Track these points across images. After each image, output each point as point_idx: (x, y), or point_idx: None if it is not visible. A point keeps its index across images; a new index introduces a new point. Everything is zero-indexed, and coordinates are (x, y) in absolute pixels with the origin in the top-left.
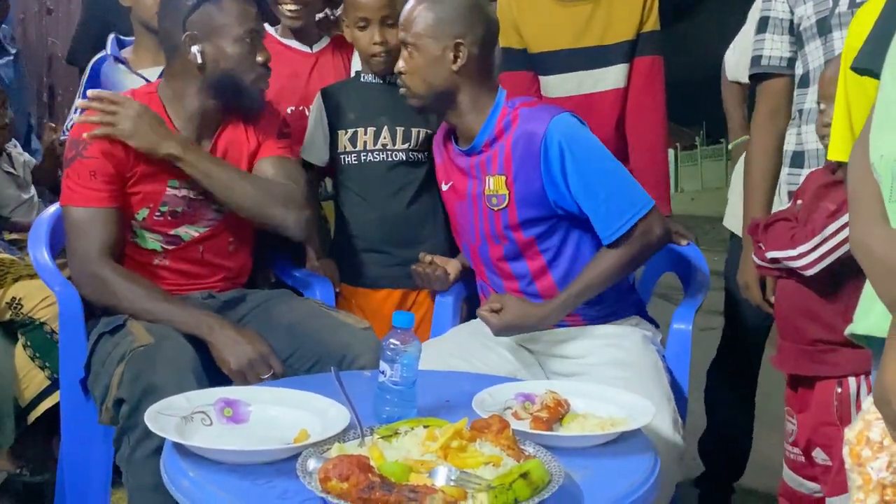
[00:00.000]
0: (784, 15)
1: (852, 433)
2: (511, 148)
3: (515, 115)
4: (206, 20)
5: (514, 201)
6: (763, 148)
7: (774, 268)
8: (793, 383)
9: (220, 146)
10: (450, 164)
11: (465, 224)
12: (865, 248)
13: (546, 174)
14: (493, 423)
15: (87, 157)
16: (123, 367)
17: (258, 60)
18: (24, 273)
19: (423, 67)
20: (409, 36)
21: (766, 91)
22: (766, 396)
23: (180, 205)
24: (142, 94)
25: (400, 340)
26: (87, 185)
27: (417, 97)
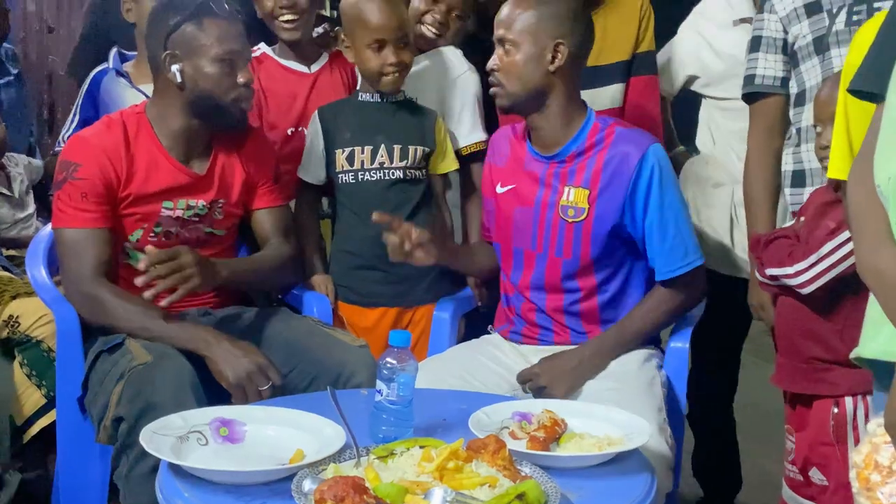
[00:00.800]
0: (777, 34)
1: (860, 457)
2: (603, 165)
3: (610, 132)
4: (186, 39)
5: (592, 217)
6: (760, 166)
7: (774, 285)
8: (791, 401)
9: (216, 171)
10: (516, 166)
11: (523, 229)
12: (875, 271)
13: (630, 196)
14: (490, 444)
15: (78, 178)
16: (122, 385)
17: (239, 81)
18: (21, 291)
19: (520, 65)
20: (509, 33)
21: (760, 110)
22: (766, 413)
23: (174, 225)
24: (130, 114)
25: (396, 359)
26: (78, 207)
27: (509, 95)
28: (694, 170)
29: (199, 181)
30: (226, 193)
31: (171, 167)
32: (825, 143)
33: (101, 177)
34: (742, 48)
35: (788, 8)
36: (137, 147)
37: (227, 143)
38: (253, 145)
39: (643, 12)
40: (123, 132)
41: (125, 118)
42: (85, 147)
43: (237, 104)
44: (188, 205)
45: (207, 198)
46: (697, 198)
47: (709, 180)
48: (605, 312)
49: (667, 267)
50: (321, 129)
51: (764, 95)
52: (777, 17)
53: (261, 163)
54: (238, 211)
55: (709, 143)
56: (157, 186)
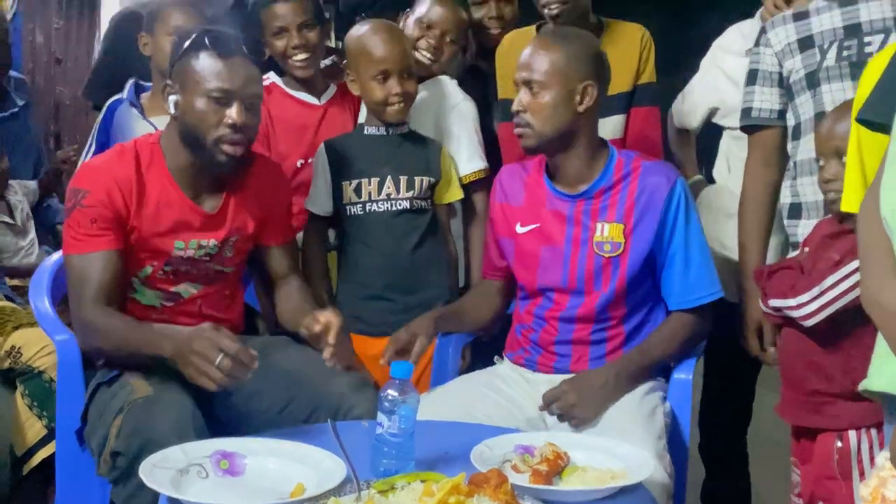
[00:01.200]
0: (773, 67)
1: (867, 490)
2: (635, 198)
3: (637, 167)
4: (184, 72)
5: (629, 250)
6: (756, 198)
7: (779, 316)
8: (796, 433)
9: (228, 209)
10: (537, 206)
11: (552, 268)
12: (878, 304)
13: (660, 227)
14: (492, 478)
15: (87, 205)
16: (121, 419)
17: (226, 121)
18: (24, 321)
19: (549, 107)
20: (537, 74)
21: (757, 142)
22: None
23: (184, 264)
24: (144, 143)
25: (398, 391)
26: (87, 232)
27: (537, 136)
28: (708, 199)
29: (210, 220)
30: (238, 231)
31: (182, 204)
32: (829, 177)
33: (110, 203)
34: None
35: (783, 43)
36: (149, 178)
37: (239, 178)
38: (267, 178)
39: (643, 44)
40: (136, 161)
41: (139, 147)
42: (94, 174)
43: (219, 145)
44: (199, 244)
45: (219, 237)
46: (710, 227)
47: (721, 210)
48: (630, 340)
49: (685, 296)
50: (328, 161)
51: (761, 127)
52: (773, 52)
53: (275, 197)
54: (248, 246)
55: (724, 172)
56: (167, 224)
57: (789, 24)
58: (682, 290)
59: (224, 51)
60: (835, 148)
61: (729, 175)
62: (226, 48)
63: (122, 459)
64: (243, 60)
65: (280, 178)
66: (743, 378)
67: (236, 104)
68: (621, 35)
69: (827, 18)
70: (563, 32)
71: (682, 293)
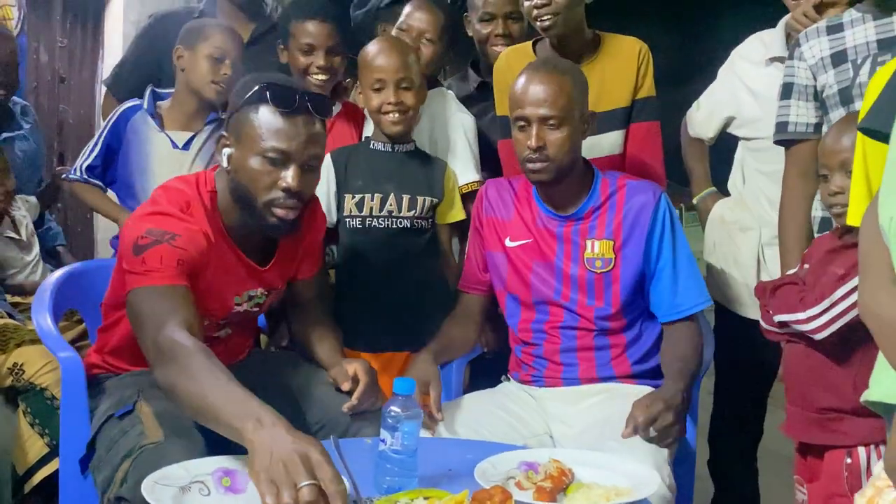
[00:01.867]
0: (808, 81)
1: (862, 500)
2: (622, 216)
3: (622, 185)
4: (241, 125)
5: (619, 265)
6: (795, 211)
7: (783, 332)
8: (802, 451)
9: (279, 263)
10: (528, 222)
11: (545, 283)
12: (874, 314)
13: (647, 242)
14: (496, 494)
15: (177, 246)
16: (130, 463)
17: (280, 184)
18: (27, 338)
19: (570, 140)
20: (556, 110)
21: (794, 155)
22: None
23: (237, 318)
24: (205, 192)
25: (401, 408)
26: (171, 266)
27: (558, 170)
28: (720, 212)
29: (262, 275)
30: (283, 280)
31: (239, 264)
32: (834, 189)
33: (196, 253)
34: (774, 86)
35: (816, 57)
36: (214, 239)
37: (289, 241)
38: (310, 216)
39: (641, 58)
40: (206, 215)
41: (202, 196)
42: (178, 221)
43: (270, 208)
44: (249, 296)
45: (266, 287)
46: (724, 241)
47: (735, 223)
48: (630, 347)
49: (681, 306)
50: (333, 172)
51: (798, 141)
52: (807, 65)
53: (314, 234)
54: (285, 287)
55: (739, 184)
56: (227, 286)
57: (823, 38)
58: (672, 301)
59: (286, 108)
60: (840, 161)
61: (744, 187)
62: (288, 104)
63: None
64: (307, 119)
65: (318, 212)
66: (754, 394)
67: (293, 166)
68: (618, 50)
69: (861, 32)
70: (559, 64)
71: (672, 305)
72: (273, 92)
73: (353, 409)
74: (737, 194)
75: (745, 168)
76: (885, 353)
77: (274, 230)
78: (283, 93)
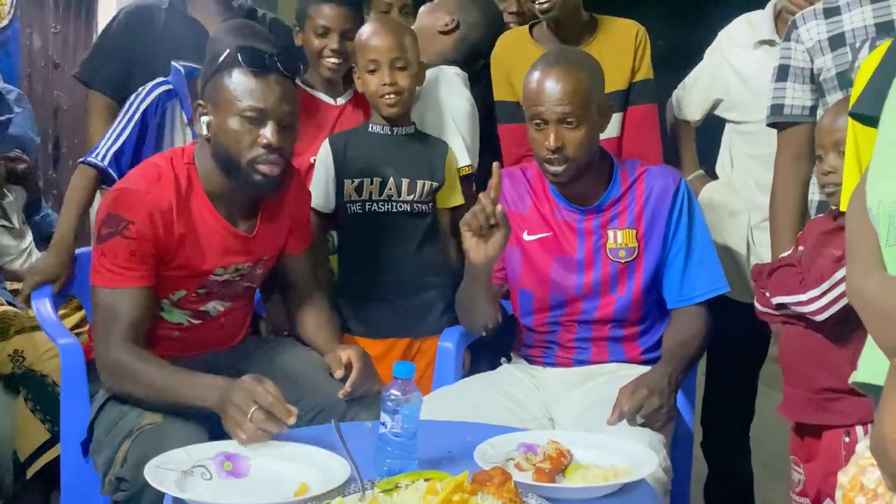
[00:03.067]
0: (804, 64)
1: (846, 478)
2: (643, 204)
3: (641, 173)
4: (216, 90)
5: (643, 253)
6: (787, 194)
7: (779, 314)
8: (799, 431)
9: (264, 230)
10: (546, 215)
11: (566, 276)
12: (861, 295)
13: (666, 228)
14: (495, 476)
15: (130, 237)
16: (129, 445)
17: (260, 141)
18: (27, 325)
19: (589, 138)
20: (572, 108)
21: (788, 138)
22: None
23: (218, 287)
24: (180, 164)
25: (401, 391)
26: (123, 265)
27: (578, 169)
28: (709, 195)
29: (248, 243)
30: (271, 250)
31: (220, 230)
32: (828, 168)
33: (154, 237)
34: (762, 69)
35: (814, 39)
36: (190, 206)
37: (271, 205)
38: (294, 190)
39: (638, 41)
40: (176, 188)
41: (175, 168)
42: (139, 203)
43: (254, 166)
44: (236, 268)
45: (254, 258)
46: (712, 224)
47: (724, 207)
48: (643, 336)
49: (691, 293)
50: (332, 157)
51: (792, 124)
52: (804, 48)
53: (300, 208)
54: (275, 260)
55: (727, 167)
56: (208, 250)
57: (820, 20)
58: (679, 288)
59: (258, 68)
60: (834, 140)
61: (732, 171)
62: (259, 65)
63: (126, 485)
64: (278, 78)
65: (303, 187)
66: (744, 374)
67: (271, 123)
68: (615, 32)
69: (858, 15)
70: (574, 57)
71: (679, 292)
72: (244, 54)
73: (347, 396)
74: (725, 177)
75: (733, 151)
76: (872, 335)
77: (260, 189)
78: (253, 54)
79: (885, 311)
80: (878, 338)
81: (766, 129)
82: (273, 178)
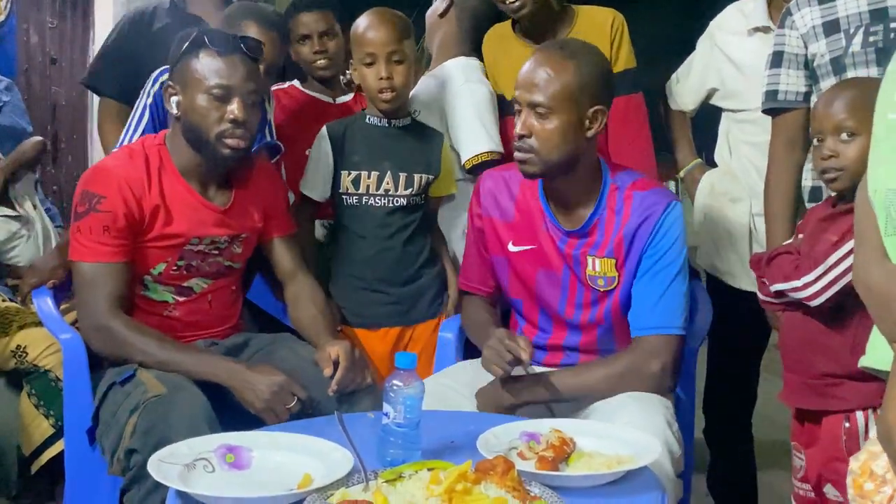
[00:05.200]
0: (798, 50)
1: (857, 464)
2: (624, 234)
3: (628, 198)
4: (185, 71)
5: (622, 284)
6: (781, 179)
7: (779, 301)
8: (799, 417)
9: (237, 204)
10: (532, 227)
11: (550, 293)
12: (864, 283)
13: (641, 255)
14: (498, 465)
15: (102, 211)
16: (137, 417)
17: (227, 116)
18: (29, 321)
19: (558, 134)
20: (545, 98)
21: (782, 124)
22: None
23: (196, 258)
24: (151, 145)
25: (403, 381)
26: (98, 240)
27: (542, 163)
28: (711, 181)
29: (222, 215)
30: (247, 227)
31: (195, 202)
32: (828, 153)
33: (125, 210)
34: (758, 57)
35: (808, 25)
36: (161, 180)
37: (244, 176)
38: (266, 177)
39: (615, 30)
40: (146, 164)
41: (146, 149)
42: (109, 178)
43: (222, 140)
44: (212, 240)
45: (230, 231)
46: (714, 211)
47: (726, 195)
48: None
49: (650, 323)
50: (330, 147)
51: (786, 109)
52: (798, 34)
53: (275, 194)
54: (254, 241)
55: (726, 155)
56: (183, 222)
57: (814, 7)
58: (635, 317)
59: (222, 48)
60: (833, 124)
61: (731, 158)
62: (224, 46)
63: (136, 457)
64: (242, 57)
65: (276, 177)
66: (746, 362)
67: (237, 100)
68: (591, 22)
69: (853, 2)
70: (571, 47)
71: (644, 319)
72: (209, 37)
73: (335, 393)
74: (724, 165)
75: (730, 139)
76: (875, 320)
77: (228, 161)
78: (218, 36)
79: (886, 298)
80: (879, 324)
81: (763, 117)
82: (238, 151)
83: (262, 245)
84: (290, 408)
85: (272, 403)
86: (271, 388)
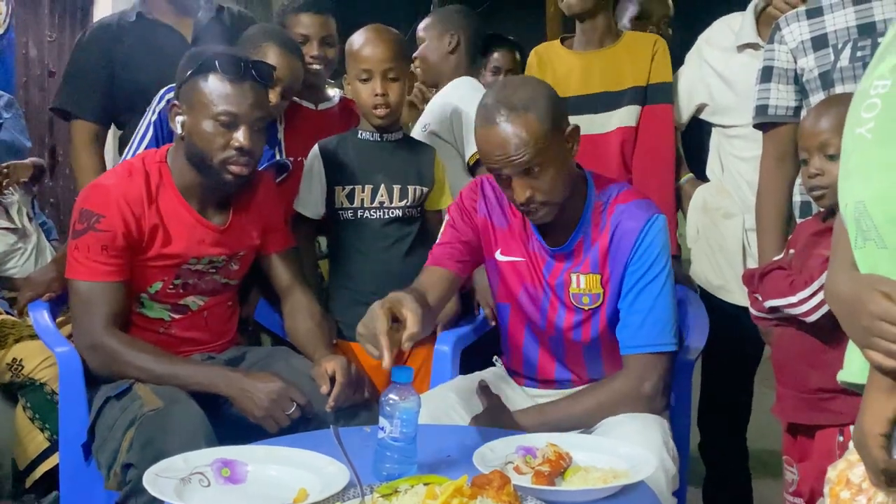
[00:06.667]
0: (788, 65)
1: (834, 472)
2: (607, 247)
3: (611, 212)
4: (192, 92)
5: (608, 300)
6: (772, 194)
7: (773, 317)
8: (791, 431)
9: (236, 223)
10: (520, 241)
11: (532, 309)
12: (834, 294)
13: (624, 269)
14: (495, 479)
15: (101, 230)
16: (133, 431)
17: (233, 144)
18: (25, 334)
19: (559, 179)
20: (532, 156)
21: (772, 138)
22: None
23: (193, 277)
24: (152, 162)
25: (399, 395)
26: (96, 259)
27: (555, 206)
28: (703, 196)
29: (220, 235)
30: (244, 245)
31: (193, 221)
32: (814, 171)
33: (124, 230)
34: (747, 73)
35: (797, 40)
36: (160, 198)
37: (242, 194)
38: (265, 191)
39: (655, 49)
40: (146, 182)
41: (147, 166)
42: (108, 197)
43: (225, 166)
44: (210, 260)
45: (228, 251)
46: (707, 227)
47: (718, 210)
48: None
49: (641, 341)
50: (323, 164)
51: (776, 124)
52: (787, 49)
53: (274, 208)
54: (252, 258)
55: (717, 170)
56: (181, 242)
57: (803, 22)
58: (634, 334)
59: (233, 74)
60: (819, 143)
61: (723, 173)
62: (235, 72)
63: (133, 472)
64: (252, 84)
65: (275, 192)
66: (740, 376)
67: (244, 128)
68: (635, 40)
69: (841, 17)
70: (518, 97)
71: (632, 337)
72: (221, 61)
73: (332, 409)
74: (716, 180)
75: (721, 154)
76: (845, 329)
77: (230, 187)
78: (230, 61)
79: (852, 302)
80: (848, 330)
81: (754, 132)
82: (243, 177)
83: (260, 260)
84: (290, 414)
85: (271, 410)
86: (270, 396)
